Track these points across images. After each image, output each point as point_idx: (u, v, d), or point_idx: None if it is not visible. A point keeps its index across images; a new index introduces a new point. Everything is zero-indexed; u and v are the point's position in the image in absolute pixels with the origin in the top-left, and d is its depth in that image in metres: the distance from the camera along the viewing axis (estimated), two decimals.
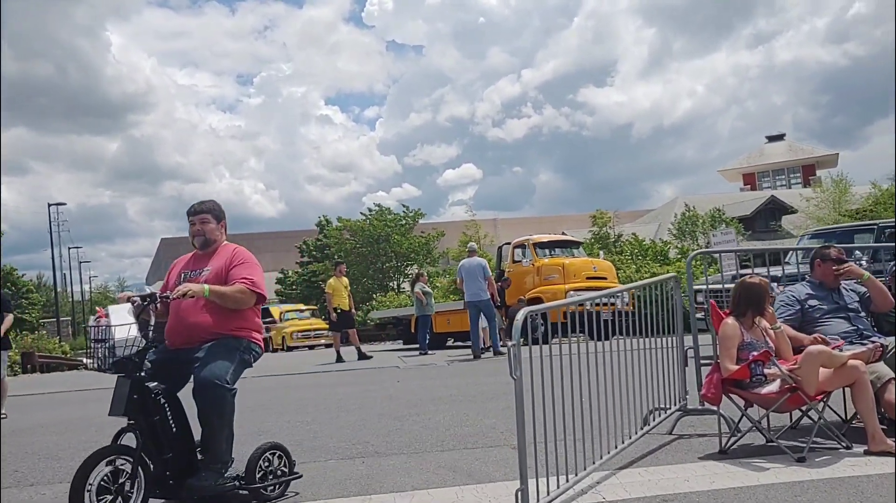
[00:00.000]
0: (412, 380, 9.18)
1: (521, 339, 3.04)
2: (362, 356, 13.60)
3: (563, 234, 19.59)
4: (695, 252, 5.21)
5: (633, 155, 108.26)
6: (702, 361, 4.86)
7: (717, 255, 9.29)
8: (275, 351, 27.38)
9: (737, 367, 3.97)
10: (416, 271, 19.65)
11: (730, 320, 4.19)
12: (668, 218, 42.80)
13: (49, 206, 41.92)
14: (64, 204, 47.02)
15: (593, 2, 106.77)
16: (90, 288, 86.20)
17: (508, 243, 15.91)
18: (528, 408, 3.18)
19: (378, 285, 40.62)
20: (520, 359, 3.06)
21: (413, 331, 17.56)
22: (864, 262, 7.73)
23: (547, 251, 15.63)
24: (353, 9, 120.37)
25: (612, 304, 8.58)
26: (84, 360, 35.97)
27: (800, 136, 73.72)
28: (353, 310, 14.45)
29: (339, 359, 13.48)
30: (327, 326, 29.42)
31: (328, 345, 27.45)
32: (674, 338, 4.76)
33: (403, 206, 42.60)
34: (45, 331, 35.69)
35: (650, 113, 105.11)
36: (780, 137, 71.97)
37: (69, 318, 57.78)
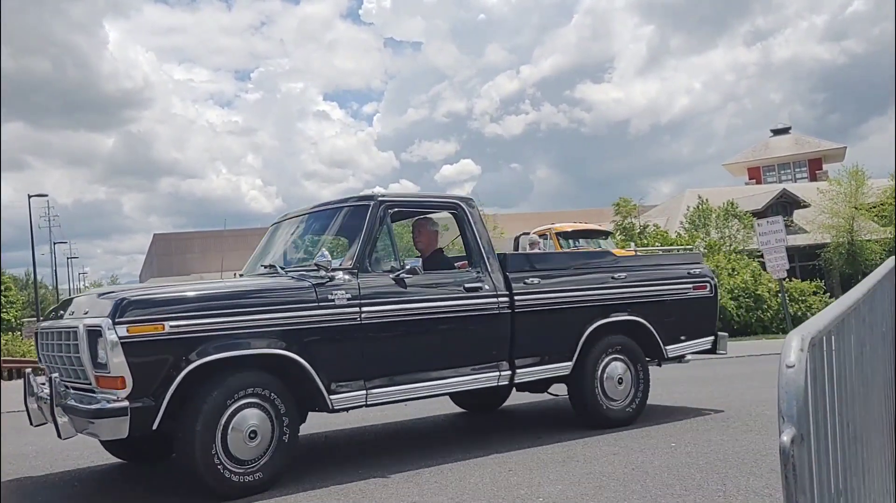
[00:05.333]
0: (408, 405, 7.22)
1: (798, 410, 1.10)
2: None
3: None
4: None
5: (631, 151, 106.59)
6: None
7: None
8: None
9: None
10: None
11: None
12: (679, 211, 41.07)
13: (29, 197, 39.43)
14: (45, 195, 44.34)
15: None
16: (83, 285, 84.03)
17: (526, 233, 13.98)
18: None
19: None
20: (805, 479, 1.12)
21: None
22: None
23: (571, 242, 13.76)
24: (350, 5, 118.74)
25: None
26: None
27: (796, 133, 71.84)
28: None
29: None
30: None
31: None
32: None
33: None
34: (20, 332, 33.45)
35: (647, 110, 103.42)
36: (785, 131, 70.27)
37: None
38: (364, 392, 4.34)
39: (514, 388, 5.33)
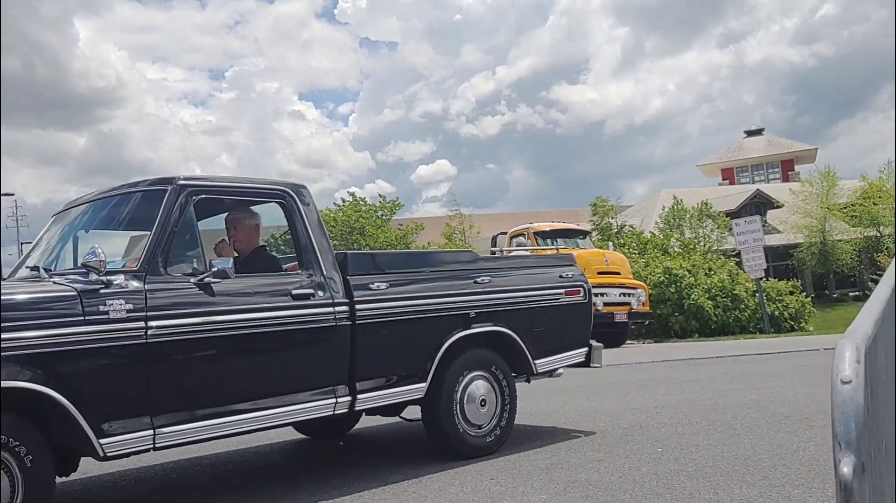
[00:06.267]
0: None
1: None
2: None
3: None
4: None
5: (606, 152, 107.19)
6: None
7: None
8: None
9: None
10: None
11: None
12: (654, 211, 41.35)
13: None
14: (12, 195, 43.47)
15: (567, 0, 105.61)
16: None
17: (504, 233, 13.87)
18: None
19: None
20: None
21: None
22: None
23: (549, 241, 13.63)
24: (325, 5, 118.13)
25: (627, 305, 5.87)
26: None
27: (769, 134, 72.83)
28: None
29: None
30: None
31: None
32: None
33: (380, 195, 40.36)
34: None
35: (622, 111, 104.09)
36: (758, 132, 71.12)
37: None
38: (150, 432, 3.37)
39: (364, 413, 4.57)
